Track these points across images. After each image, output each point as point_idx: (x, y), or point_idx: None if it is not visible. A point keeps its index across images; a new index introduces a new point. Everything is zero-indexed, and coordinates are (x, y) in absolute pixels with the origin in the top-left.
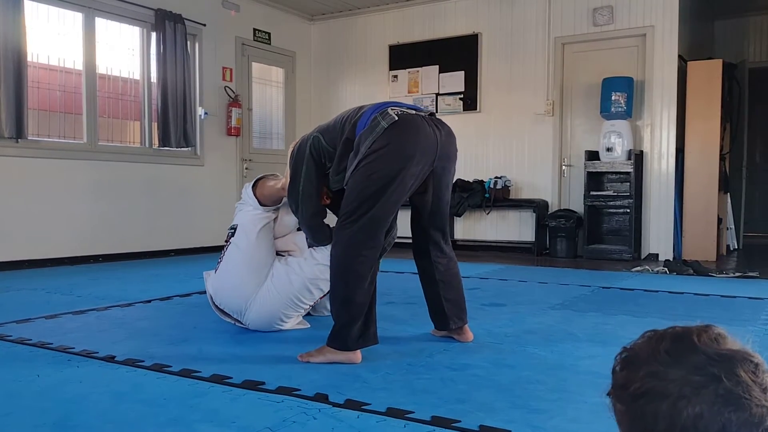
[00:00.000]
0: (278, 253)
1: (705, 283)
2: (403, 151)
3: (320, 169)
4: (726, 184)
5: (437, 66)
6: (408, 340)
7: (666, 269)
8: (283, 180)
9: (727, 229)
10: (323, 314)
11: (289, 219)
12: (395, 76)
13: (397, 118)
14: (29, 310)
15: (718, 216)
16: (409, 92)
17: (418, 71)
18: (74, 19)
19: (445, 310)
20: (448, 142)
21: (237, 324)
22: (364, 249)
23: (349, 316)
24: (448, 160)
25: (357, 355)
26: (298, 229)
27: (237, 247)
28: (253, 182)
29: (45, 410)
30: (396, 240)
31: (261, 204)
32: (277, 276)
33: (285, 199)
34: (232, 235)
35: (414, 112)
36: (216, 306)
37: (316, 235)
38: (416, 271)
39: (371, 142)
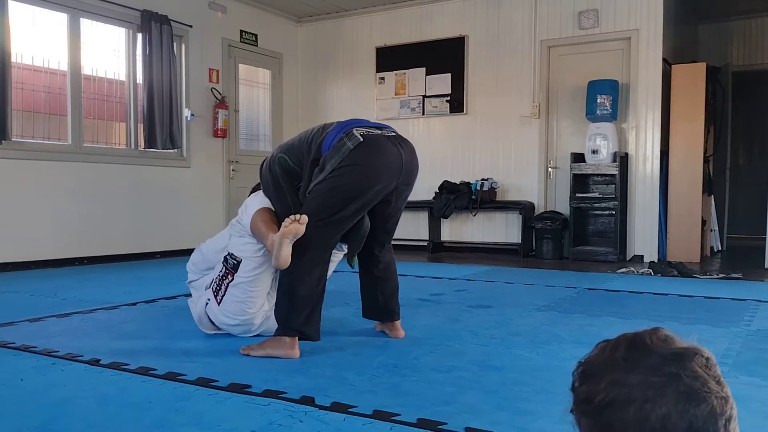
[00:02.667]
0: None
1: (689, 284)
2: (369, 170)
3: (293, 181)
4: (710, 186)
5: (424, 68)
6: (394, 342)
7: (651, 271)
8: (269, 243)
9: (711, 230)
10: None
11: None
12: (382, 78)
13: (362, 139)
14: (13, 313)
15: (702, 218)
16: (396, 94)
17: (405, 73)
18: (59, 20)
19: (379, 304)
20: (411, 161)
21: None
22: (314, 249)
23: (291, 306)
24: (410, 176)
25: (295, 351)
26: None
27: (241, 287)
28: (253, 206)
29: (29, 414)
30: (392, 243)
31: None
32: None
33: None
34: (234, 267)
35: (379, 131)
36: (214, 325)
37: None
38: (403, 274)
39: (338, 161)
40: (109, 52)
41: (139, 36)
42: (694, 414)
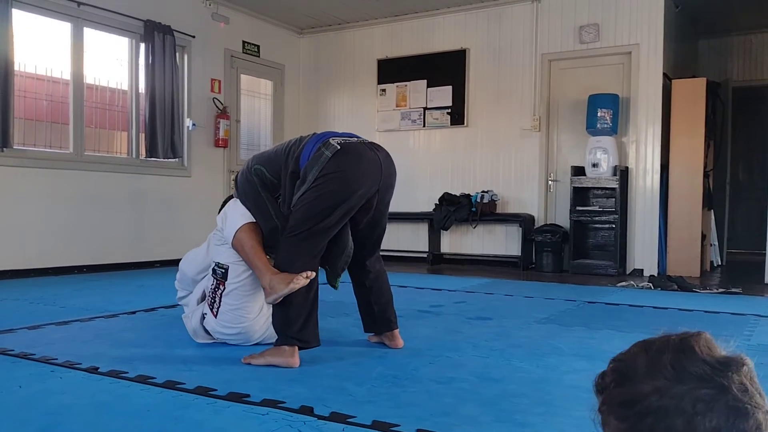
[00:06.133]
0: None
1: (689, 298)
2: (350, 176)
3: (273, 192)
4: (710, 200)
5: (425, 80)
6: (393, 353)
7: (650, 284)
8: (263, 282)
9: (711, 245)
10: None
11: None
12: (383, 90)
13: (339, 147)
14: (12, 320)
15: (702, 232)
16: (397, 106)
17: (406, 85)
18: (62, 29)
19: (375, 315)
20: (388, 164)
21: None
22: (303, 258)
23: (286, 317)
24: (390, 178)
25: (295, 360)
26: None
27: (234, 293)
28: (233, 217)
29: (27, 421)
30: (389, 253)
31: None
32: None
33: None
34: (223, 275)
35: (355, 140)
36: (210, 335)
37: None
38: (403, 285)
39: (318, 171)
40: (112, 62)
41: (142, 46)
42: (742, 428)
